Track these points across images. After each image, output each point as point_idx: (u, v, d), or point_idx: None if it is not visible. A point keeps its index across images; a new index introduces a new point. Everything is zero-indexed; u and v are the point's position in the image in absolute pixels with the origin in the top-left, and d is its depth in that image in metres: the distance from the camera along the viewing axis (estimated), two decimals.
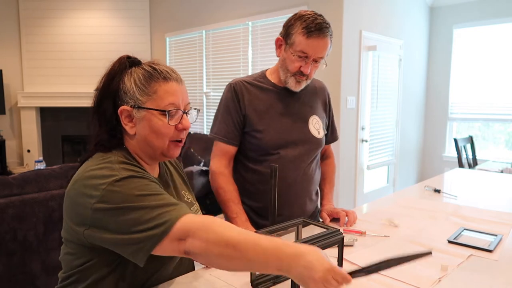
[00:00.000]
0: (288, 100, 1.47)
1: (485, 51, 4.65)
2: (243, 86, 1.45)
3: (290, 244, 0.77)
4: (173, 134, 0.96)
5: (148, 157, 0.99)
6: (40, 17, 5.65)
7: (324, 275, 0.71)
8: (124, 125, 0.95)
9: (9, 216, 1.57)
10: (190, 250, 0.79)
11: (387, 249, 1.21)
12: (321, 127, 1.53)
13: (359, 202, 4.04)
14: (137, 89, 0.94)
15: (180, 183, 1.13)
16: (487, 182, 2.26)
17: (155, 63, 0.99)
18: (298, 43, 1.33)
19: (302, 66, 1.36)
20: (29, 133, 5.75)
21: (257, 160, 1.45)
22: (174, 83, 0.97)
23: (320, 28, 1.31)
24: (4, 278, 1.57)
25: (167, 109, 0.94)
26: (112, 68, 0.98)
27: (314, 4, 3.78)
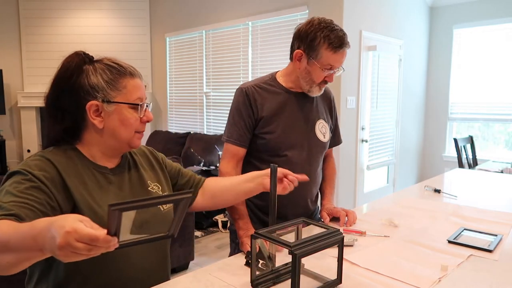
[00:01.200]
0: (297, 104, 1.51)
1: (485, 51, 4.65)
2: (254, 90, 1.48)
3: (45, 219, 0.70)
4: (138, 125, 1.03)
5: (110, 149, 1.04)
6: (40, 17, 5.65)
7: (65, 239, 0.62)
8: (92, 119, 0.99)
9: None
10: None
11: (387, 249, 1.21)
12: (327, 131, 1.58)
13: (359, 202, 4.04)
14: (106, 84, 0.98)
15: (149, 174, 1.14)
16: (487, 182, 2.26)
17: (113, 59, 1.03)
18: (326, 58, 1.39)
19: (327, 77, 1.44)
20: (29, 133, 5.75)
21: (265, 160, 1.48)
22: (138, 79, 1.04)
23: (343, 42, 1.38)
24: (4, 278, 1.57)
25: (136, 103, 1.01)
26: (67, 65, 1.00)
27: (314, 4, 3.78)
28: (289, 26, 4.06)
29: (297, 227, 1.08)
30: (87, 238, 0.63)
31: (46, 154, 0.97)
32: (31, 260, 0.76)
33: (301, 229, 1.08)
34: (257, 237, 0.97)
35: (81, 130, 1.02)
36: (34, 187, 0.88)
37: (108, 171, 1.04)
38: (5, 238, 0.72)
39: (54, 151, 0.99)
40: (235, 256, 1.19)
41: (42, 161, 0.94)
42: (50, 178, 0.92)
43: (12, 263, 0.75)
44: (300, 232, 1.08)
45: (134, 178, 1.10)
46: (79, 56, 1.01)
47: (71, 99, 0.98)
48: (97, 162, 1.03)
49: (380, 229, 1.40)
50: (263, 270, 1.02)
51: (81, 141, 1.03)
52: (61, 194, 0.92)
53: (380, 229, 1.40)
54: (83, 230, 0.63)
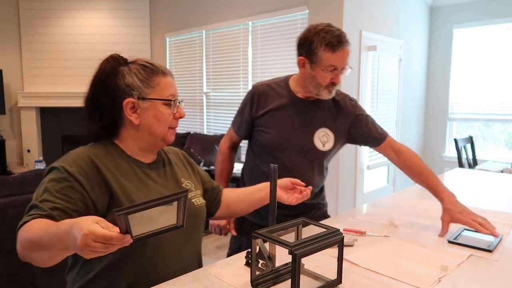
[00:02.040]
0: (298, 109, 1.54)
1: (485, 51, 4.65)
2: (263, 89, 1.57)
3: (68, 221, 0.78)
4: (171, 121, 1.10)
5: (147, 145, 1.10)
6: (40, 17, 5.65)
7: (83, 241, 0.70)
8: (129, 116, 1.05)
9: (9, 216, 1.58)
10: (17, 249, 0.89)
11: (387, 249, 1.21)
12: (329, 140, 1.56)
13: (359, 202, 4.04)
14: (141, 82, 1.05)
15: (182, 172, 1.22)
16: (487, 182, 2.26)
17: (147, 60, 1.10)
18: (326, 59, 1.40)
19: (333, 78, 1.44)
20: (29, 133, 5.75)
21: (260, 156, 1.58)
22: (170, 77, 1.11)
23: (341, 40, 1.40)
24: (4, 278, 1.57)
25: (169, 99, 1.08)
26: (104, 67, 1.07)
27: (314, 4, 3.78)
28: (289, 26, 4.06)
29: (297, 227, 1.08)
30: (102, 238, 0.70)
31: (85, 149, 1.05)
32: (61, 256, 0.85)
33: (301, 229, 1.08)
34: (257, 237, 0.97)
35: (119, 127, 1.09)
36: (69, 186, 0.95)
37: (145, 165, 1.11)
38: (37, 238, 0.82)
39: (93, 145, 1.07)
40: (235, 256, 1.19)
41: (79, 156, 1.01)
42: (85, 174, 0.98)
43: (47, 259, 0.85)
44: (300, 232, 1.08)
45: (169, 174, 1.17)
46: (115, 58, 1.08)
47: (108, 98, 1.06)
48: (134, 157, 1.10)
49: (380, 229, 1.40)
50: (263, 270, 1.02)
51: (119, 138, 1.10)
52: (96, 189, 0.98)
53: (380, 229, 1.40)
54: (98, 232, 0.70)
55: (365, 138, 1.63)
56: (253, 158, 1.64)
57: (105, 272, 1.02)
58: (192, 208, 1.14)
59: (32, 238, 0.84)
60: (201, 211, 1.18)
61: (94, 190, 0.97)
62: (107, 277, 1.02)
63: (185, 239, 1.11)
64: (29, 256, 0.87)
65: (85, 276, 1.03)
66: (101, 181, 0.99)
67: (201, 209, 1.18)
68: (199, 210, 1.17)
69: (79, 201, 0.94)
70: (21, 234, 0.87)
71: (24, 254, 0.88)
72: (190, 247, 1.14)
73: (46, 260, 0.86)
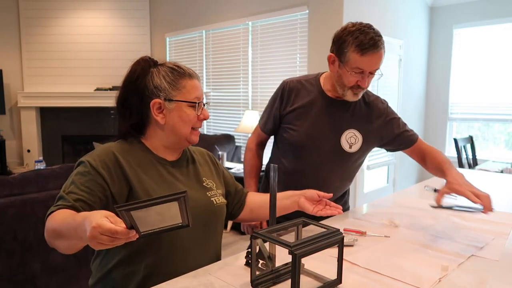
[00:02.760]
0: (326, 108, 1.51)
1: (485, 51, 4.65)
2: (294, 85, 1.55)
3: (83, 214, 0.86)
4: (195, 122, 1.14)
5: (171, 144, 1.16)
6: (40, 17, 5.65)
7: (91, 233, 0.75)
8: (156, 116, 1.11)
9: (9, 216, 1.58)
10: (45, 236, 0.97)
11: (387, 249, 1.21)
12: (357, 142, 1.53)
13: (359, 202, 4.04)
14: (168, 84, 1.11)
15: (205, 171, 1.27)
16: (487, 182, 2.26)
17: (175, 63, 1.16)
18: (353, 60, 1.36)
19: (359, 81, 1.40)
20: (29, 133, 5.75)
21: (284, 152, 1.57)
22: (197, 80, 1.16)
23: (374, 44, 1.34)
24: (4, 278, 1.57)
25: (195, 101, 1.12)
26: (134, 69, 1.13)
27: (314, 4, 3.78)
28: (289, 26, 4.06)
29: (297, 227, 1.08)
30: (109, 232, 0.75)
31: (111, 145, 1.11)
32: (78, 245, 0.92)
33: (301, 229, 1.08)
34: (257, 237, 0.97)
35: (146, 126, 1.15)
36: (92, 179, 1.02)
37: (168, 163, 1.16)
38: (58, 228, 0.90)
39: (120, 142, 1.13)
40: (235, 256, 1.19)
41: (104, 151, 1.08)
42: (107, 168, 1.04)
43: (67, 247, 0.93)
44: (300, 232, 1.08)
45: (191, 172, 1.21)
46: (145, 60, 1.14)
47: (137, 98, 1.12)
48: (158, 154, 1.15)
49: (380, 229, 1.40)
50: (263, 270, 1.02)
51: (145, 136, 1.16)
52: (116, 183, 1.04)
53: (380, 229, 1.40)
54: (105, 225, 0.75)
55: (397, 142, 1.59)
56: (278, 155, 1.62)
57: (123, 263, 1.08)
58: (211, 206, 1.18)
59: (54, 227, 0.92)
60: (219, 209, 1.21)
61: (114, 183, 1.04)
62: (124, 268, 1.08)
63: (201, 236, 1.15)
64: (53, 243, 0.95)
65: (105, 266, 1.10)
66: (121, 175, 1.05)
67: (220, 208, 1.21)
68: (218, 208, 1.20)
69: (100, 193, 1.01)
70: (47, 223, 0.95)
71: (50, 241, 0.96)
72: (206, 243, 1.17)
73: (66, 248, 0.94)
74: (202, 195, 1.18)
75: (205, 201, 1.17)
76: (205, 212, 1.15)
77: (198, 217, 1.11)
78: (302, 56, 3.99)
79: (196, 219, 1.09)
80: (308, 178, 1.51)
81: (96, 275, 1.13)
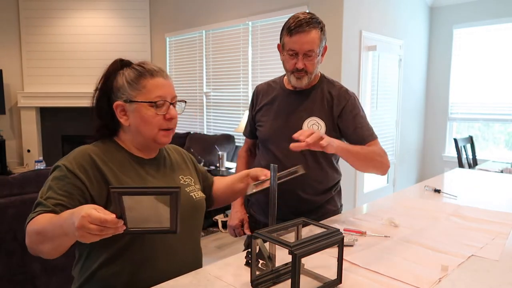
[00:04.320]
0: (290, 101, 1.58)
1: (485, 51, 4.65)
2: (261, 88, 1.68)
3: (69, 210, 0.86)
4: (161, 123, 1.10)
5: (141, 145, 1.14)
6: (40, 17, 5.65)
7: (80, 222, 0.76)
8: (120, 118, 1.10)
9: (9, 216, 1.58)
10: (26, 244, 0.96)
11: (387, 249, 1.21)
12: (321, 129, 1.54)
13: (359, 202, 4.04)
14: (128, 85, 1.09)
15: (182, 168, 1.27)
16: (487, 182, 2.26)
17: (144, 63, 1.13)
18: (286, 43, 1.47)
19: (296, 63, 1.47)
20: (29, 133, 5.75)
21: (261, 150, 1.66)
22: (160, 78, 1.11)
23: (300, 25, 1.42)
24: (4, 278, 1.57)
25: (154, 101, 1.08)
26: (107, 70, 1.13)
27: (314, 4, 3.78)
28: None
29: (297, 227, 1.08)
30: (98, 220, 0.76)
31: (86, 147, 1.10)
32: (63, 244, 0.90)
33: (301, 229, 1.08)
34: (257, 237, 0.97)
35: (117, 126, 1.14)
36: (69, 183, 1.01)
37: (145, 161, 1.15)
38: (42, 229, 0.90)
39: (95, 143, 1.13)
40: (235, 256, 1.19)
41: (80, 154, 1.07)
42: (84, 170, 1.03)
43: (52, 249, 0.91)
44: (300, 232, 1.08)
45: (168, 170, 1.20)
46: (116, 62, 1.14)
47: (106, 100, 1.12)
48: (134, 153, 1.14)
49: (380, 229, 1.40)
50: (263, 270, 1.02)
51: (118, 136, 1.16)
52: (94, 184, 1.03)
53: (380, 229, 1.40)
54: (95, 214, 0.76)
55: (347, 136, 1.56)
56: (258, 155, 1.70)
57: (106, 264, 1.06)
58: (191, 201, 1.18)
59: (37, 230, 0.91)
60: (199, 204, 1.21)
61: (93, 185, 1.03)
62: (108, 270, 1.06)
63: (185, 232, 1.14)
64: (37, 249, 0.93)
65: (88, 269, 1.08)
66: (100, 176, 1.04)
67: (200, 202, 1.22)
68: (198, 203, 1.21)
69: (79, 196, 1.00)
70: (29, 228, 0.94)
71: (33, 247, 0.94)
72: (189, 239, 1.17)
73: (51, 250, 0.91)
74: (182, 191, 1.16)
75: (185, 197, 1.16)
76: (187, 207, 1.15)
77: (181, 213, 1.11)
78: None
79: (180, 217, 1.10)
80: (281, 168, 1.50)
81: (78, 280, 1.11)
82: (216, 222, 3.94)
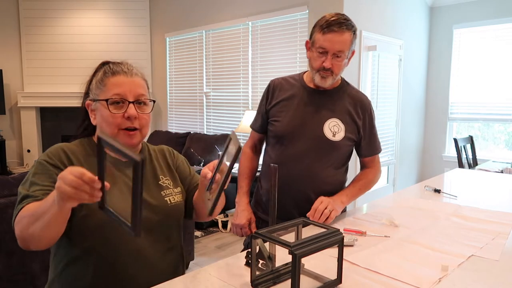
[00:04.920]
0: (311, 99, 1.56)
1: (485, 51, 4.65)
2: (278, 82, 1.63)
3: None
4: (120, 122, 1.06)
5: None
6: (40, 17, 5.65)
7: (61, 174, 0.79)
8: (91, 117, 1.12)
9: (9, 216, 1.57)
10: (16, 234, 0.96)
11: (387, 249, 1.21)
12: (340, 131, 1.55)
13: (359, 202, 4.04)
14: (96, 85, 1.11)
15: (163, 169, 1.22)
16: (487, 182, 2.26)
17: (118, 62, 1.13)
18: (317, 40, 1.46)
19: (324, 62, 1.46)
20: (29, 133, 5.75)
21: (272, 146, 1.61)
22: (121, 76, 1.08)
23: (335, 24, 1.43)
24: (4, 278, 1.57)
25: (106, 99, 1.06)
26: (94, 70, 1.16)
27: (314, 4, 3.78)
28: (289, 26, 4.06)
29: (297, 227, 1.08)
30: (77, 171, 0.77)
31: (63, 145, 1.10)
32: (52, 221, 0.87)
33: (301, 229, 1.08)
34: (257, 237, 0.97)
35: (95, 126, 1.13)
36: (53, 173, 1.01)
37: (120, 163, 1.11)
38: (34, 211, 0.90)
39: (73, 142, 1.13)
40: (235, 256, 1.19)
41: (53, 148, 1.08)
42: (61, 161, 1.04)
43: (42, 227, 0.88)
44: (300, 232, 1.08)
45: (148, 171, 1.17)
46: (101, 63, 1.15)
47: (84, 101, 1.15)
48: (111, 154, 1.08)
49: (380, 229, 1.40)
50: (263, 270, 1.02)
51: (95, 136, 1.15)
52: None
53: (380, 229, 1.40)
54: (76, 168, 0.78)
55: (361, 143, 1.63)
56: (267, 150, 1.67)
57: (71, 263, 1.05)
58: (164, 207, 1.13)
59: (28, 214, 0.91)
60: (174, 209, 1.15)
61: None
62: (73, 269, 1.05)
63: (156, 238, 1.10)
64: (27, 234, 0.91)
65: (58, 266, 1.08)
66: None
67: (174, 208, 1.16)
68: (172, 208, 1.15)
69: None
70: (19, 216, 0.94)
71: (23, 234, 0.93)
72: (162, 245, 1.12)
73: (41, 229, 0.89)
74: (156, 195, 1.14)
75: (158, 202, 1.12)
76: (158, 213, 1.11)
77: (150, 218, 1.08)
78: (302, 56, 3.99)
79: (149, 221, 1.07)
80: (294, 167, 1.53)
81: (50, 276, 1.10)
82: (216, 222, 3.94)
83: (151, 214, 1.10)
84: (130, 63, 1.13)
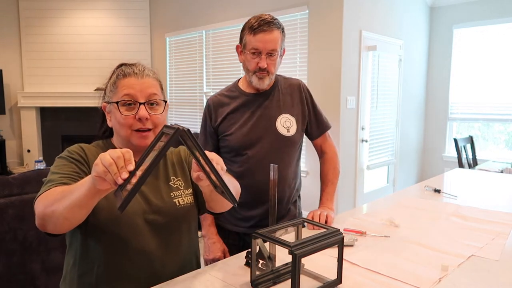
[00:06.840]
0: (255, 103, 1.56)
1: (485, 51, 4.65)
2: (215, 100, 1.61)
3: None
4: (132, 123, 1.07)
5: (124, 146, 1.10)
6: (40, 17, 5.65)
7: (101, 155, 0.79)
8: (107, 118, 1.14)
9: (9, 216, 1.58)
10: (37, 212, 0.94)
11: (387, 249, 1.21)
12: (293, 125, 1.56)
13: (359, 202, 4.04)
14: (109, 87, 1.12)
15: (175, 170, 1.20)
16: (487, 182, 2.26)
17: (131, 64, 1.13)
18: (249, 42, 1.46)
19: (259, 62, 1.46)
20: (29, 133, 5.75)
21: (230, 160, 1.56)
22: (132, 78, 1.09)
23: (264, 24, 1.44)
24: (4, 278, 1.57)
25: (117, 101, 1.07)
26: (109, 75, 1.15)
27: (314, 4, 3.78)
28: (289, 26, 4.06)
29: (297, 227, 1.08)
30: (115, 153, 0.78)
31: (81, 144, 1.13)
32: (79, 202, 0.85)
33: (301, 229, 1.08)
34: (257, 237, 0.97)
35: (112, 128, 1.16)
36: (74, 165, 1.04)
37: (154, 172, 1.12)
38: (62, 190, 0.91)
39: (93, 143, 1.16)
40: (235, 256, 1.19)
41: (73, 146, 1.11)
42: (81, 156, 1.07)
43: (66, 206, 0.87)
44: (300, 232, 1.08)
45: (160, 171, 1.17)
46: (117, 66, 1.15)
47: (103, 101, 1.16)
48: None
49: (380, 229, 1.40)
50: (263, 270, 1.02)
51: (113, 138, 1.17)
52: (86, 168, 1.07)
53: (380, 229, 1.40)
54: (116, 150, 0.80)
55: (310, 122, 1.63)
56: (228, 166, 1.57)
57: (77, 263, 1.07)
58: (172, 208, 1.11)
59: (56, 192, 0.91)
60: (182, 211, 1.13)
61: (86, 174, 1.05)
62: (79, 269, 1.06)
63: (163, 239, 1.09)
64: (49, 211, 0.89)
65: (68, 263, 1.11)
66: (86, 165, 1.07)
67: (184, 209, 1.14)
68: (181, 210, 1.13)
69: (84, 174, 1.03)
70: (43, 196, 0.93)
71: (44, 212, 0.90)
72: (171, 246, 1.11)
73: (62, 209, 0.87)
74: (166, 196, 1.13)
75: (166, 203, 1.11)
76: (166, 214, 1.10)
77: (158, 219, 1.08)
78: (302, 56, 3.99)
79: (156, 222, 1.07)
80: (260, 173, 1.50)
81: (63, 271, 1.13)
82: None
83: (158, 215, 1.09)
84: (143, 64, 1.15)
